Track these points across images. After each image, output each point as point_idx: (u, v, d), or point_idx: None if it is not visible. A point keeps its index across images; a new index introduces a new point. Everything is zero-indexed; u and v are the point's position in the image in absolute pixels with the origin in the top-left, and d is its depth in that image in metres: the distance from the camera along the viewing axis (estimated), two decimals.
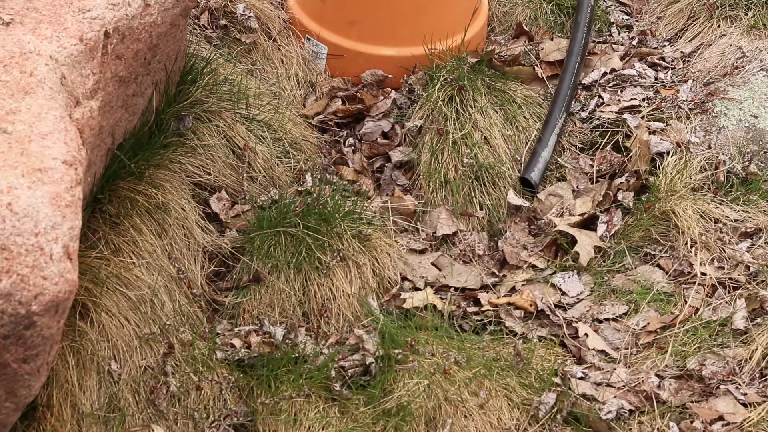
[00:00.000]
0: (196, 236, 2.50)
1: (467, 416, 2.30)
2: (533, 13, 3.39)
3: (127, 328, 2.26)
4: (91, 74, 2.08)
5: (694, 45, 3.32)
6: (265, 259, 2.48)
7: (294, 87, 3.02)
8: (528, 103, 3.03)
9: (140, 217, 2.41)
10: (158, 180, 2.48)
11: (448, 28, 3.04)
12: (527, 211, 2.84)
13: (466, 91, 2.94)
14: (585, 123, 3.06)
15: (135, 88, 2.33)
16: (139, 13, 2.22)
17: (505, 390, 2.34)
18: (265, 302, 2.46)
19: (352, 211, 2.60)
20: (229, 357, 2.32)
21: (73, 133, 1.89)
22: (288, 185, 2.73)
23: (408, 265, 2.67)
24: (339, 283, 2.49)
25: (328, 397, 2.28)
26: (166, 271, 2.39)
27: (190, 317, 2.37)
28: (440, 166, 2.85)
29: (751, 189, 2.80)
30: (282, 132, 2.81)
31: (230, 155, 2.68)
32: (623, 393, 2.36)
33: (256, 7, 3.06)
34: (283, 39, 3.08)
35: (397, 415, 2.26)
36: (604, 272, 2.68)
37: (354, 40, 3.04)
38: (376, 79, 3.05)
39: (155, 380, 2.24)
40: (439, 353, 2.40)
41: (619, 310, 2.58)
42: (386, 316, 2.49)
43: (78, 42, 2.04)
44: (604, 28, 3.46)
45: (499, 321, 2.55)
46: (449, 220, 2.79)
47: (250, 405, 2.25)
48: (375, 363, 2.34)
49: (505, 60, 3.11)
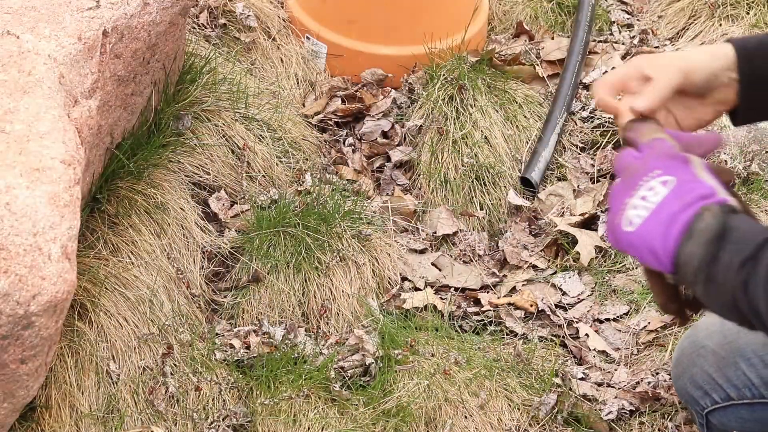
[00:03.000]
0: (195, 236, 2.49)
1: (467, 417, 2.29)
2: (534, 12, 3.39)
3: (126, 329, 2.25)
4: (90, 73, 2.07)
5: (695, 44, 3.31)
6: (265, 259, 2.47)
7: (293, 86, 3.02)
8: (528, 102, 3.02)
9: (139, 217, 2.40)
10: (157, 180, 2.48)
11: (448, 27, 3.03)
12: (528, 210, 2.84)
13: (466, 90, 2.94)
14: (586, 122, 3.06)
15: (134, 87, 2.32)
16: (137, 12, 2.22)
17: (505, 390, 2.34)
18: (264, 302, 2.45)
19: (351, 211, 2.60)
20: (229, 357, 2.31)
21: (72, 132, 1.88)
22: (287, 185, 2.72)
23: (408, 265, 2.66)
24: (339, 283, 2.49)
25: (328, 397, 2.28)
26: (165, 271, 2.39)
27: (189, 317, 2.36)
28: (440, 166, 2.84)
29: (753, 189, 2.79)
30: (281, 131, 2.80)
31: (229, 155, 2.67)
32: (624, 393, 2.35)
33: (256, 6, 3.06)
34: (283, 38, 3.07)
35: (397, 415, 2.26)
36: (605, 272, 2.68)
37: (354, 39, 3.03)
38: (375, 79, 3.05)
39: (154, 381, 2.23)
40: (439, 354, 2.39)
41: (620, 311, 2.58)
42: (386, 317, 2.49)
43: (76, 41, 2.04)
44: (605, 27, 3.45)
45: (500, 321, 2.55)
46: (449, 220, 2.78)
47: (249, 405, 2.25)
48: (375, 363, 2.33)
49: (506, 59, 3.10)
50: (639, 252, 1.22)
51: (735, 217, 1.18)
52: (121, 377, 2.21)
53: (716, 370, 1.70)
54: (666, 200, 1.20)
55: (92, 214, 2.35)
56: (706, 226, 1.17)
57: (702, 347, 1.73)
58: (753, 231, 1.17)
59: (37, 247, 1.70)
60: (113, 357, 2.22)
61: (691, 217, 1.18)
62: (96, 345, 2.20)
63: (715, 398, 1.72)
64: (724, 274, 1.16)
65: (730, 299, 1.17)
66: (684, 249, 1.18)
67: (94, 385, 2.18)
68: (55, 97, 1.91)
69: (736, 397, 1.70)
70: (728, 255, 1.16)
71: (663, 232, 1.19)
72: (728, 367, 1.69)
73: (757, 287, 1.14)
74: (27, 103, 1.86)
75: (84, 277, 2.22)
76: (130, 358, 2.24)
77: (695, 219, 1.18)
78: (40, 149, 1.79)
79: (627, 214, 1.22)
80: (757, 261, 1.14)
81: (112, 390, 2.19)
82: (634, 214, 1.21)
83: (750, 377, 1.68)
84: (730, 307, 1.18)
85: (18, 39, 1.98)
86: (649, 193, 1.21)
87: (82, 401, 2.15)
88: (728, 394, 1.70)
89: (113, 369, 2.21)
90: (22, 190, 1.72)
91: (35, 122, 1.83)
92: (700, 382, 1.72)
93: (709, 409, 1.73)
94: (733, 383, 1.69)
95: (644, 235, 1.20)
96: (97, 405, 2.17)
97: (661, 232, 1.19)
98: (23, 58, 1.94)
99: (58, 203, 1.75)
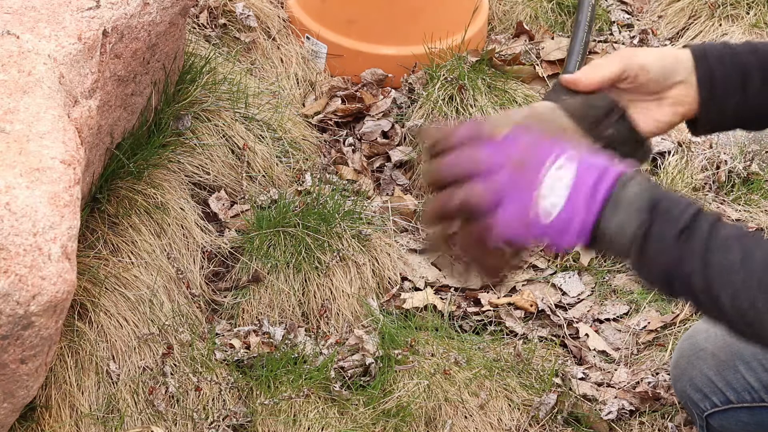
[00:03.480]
0: (195, 236, 2.49)
1: (467, 417, 2.29)
2: (534, 12, 3.39)
3: (126, 329, 2.25)
4: (90, 73, 2.07)
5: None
6: (265, 259, 2.47)
7: (293, 86, 3.02)
8: (528, 102, 3.02)
9: (139, 217, 2.40)
10: (157, 180, 2.48)
11: (448, 26, 3.03)
12: None
13: (466, 90, 2.94)
14: None
15: (134, 87, 2.32)
16: (137, 12, 2.22)
17: (505, 390, 2.34)
18: (264, 302, 2.45)
19: (351, 211, 2.60)
20: (229, 357, 2.31)
21: (72, 132, 1.88)
22: (287, 185, 2.72)
23: (408, 265, 2.66)
24: (339, 283, 2.49)
25: (328, 397, 2.28)
26: (165, 271, 2.38)
27: (189, 317, 2.36)
28: None
29: (753, 189, 2.79)
30: (281, 131, 2.80)
31: (229, 155, 2.67)
32: (624, 393, 2.35)
33: (256, 6, 3.05)
34: (283, 38, 3.07)
35: (397, 415, 2.26)
36: (605, 272, 2.68)
37: (354, 39, 3.03)
38: (375, 79, 3.05)
39: (154, 381, 2.23)
40: (439, 353, 2.39)
41: (620, 311, 2.58)
42: (386, 317, 2.49)
43: (76, 41, 2.03)
44: (605, 27, 3.45)
45: (500, 321, 2.55)
46: None
47: (249, 405, 2.25)
48: (375, 363, 2.33)
49: (506, 59, 3.10)
50: (558, 236, 1.18)
51: (656, 186, 1.16)
52: (121, 377, 2.21)
53: (716, 373, 1.70)
54: (579, 177, 1.16)
55: (92, 214, 2.35)
56: (634, 195, 1.14)
57: (701, 350, 1.72)
58: (680, 201, 1.16)
59: (37, 247, 1.70)
60: (113, 357, 2.22)
61: (611, 186, 1.15)
62: (96, 345, 2.20)
63: (714, 401, 1.72)
64: (659, 246, 1.14)
65: (663, 271, 1.15)
66: (612, 219, 1.15)
67: (94, 385, 2.18)
68: (55, 97, 1.90)
69: (735, 401, 1.69)
70: (661, 226, 1.14)
71: (585, 206, 1.15)
72: (728, 370, 1.69)
73: (694, 259, 1.13)
74: (27, 103, 1.86)
75: (84, 277, 2.22)
76: (130, 358, 2.23)
77: (618, 187, 1.15)
78: (40, 149, 1.79)
79: (542, 205, 1.17)
80: (693, 232, 1.13)
81: (112, 390, 2.19)
82: (549, 204, 1.16)
83: (749, 381, 1.67)
84: (662, 279, 1.16)
85: (18, 39, 1.97)
86: (557, 178, 1.17)
87: (82, 401, 2.15)
88: (728, 398, 1.70)
89: (113, 369, 2.21)
90: (22, 190, 1.72)
91: (35, 122, 1.83)
92: (700, 385, 1.72)
93: (708, 412, 1.73)
94: (732, 387, 1.69)
95: (567, 216, 1.16)
96: (97, 405, 2.16)
97: (584, 206, 1.15)
98: (23, 58, 1.94)
99: (58, 203, 1.75)
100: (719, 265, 1.13)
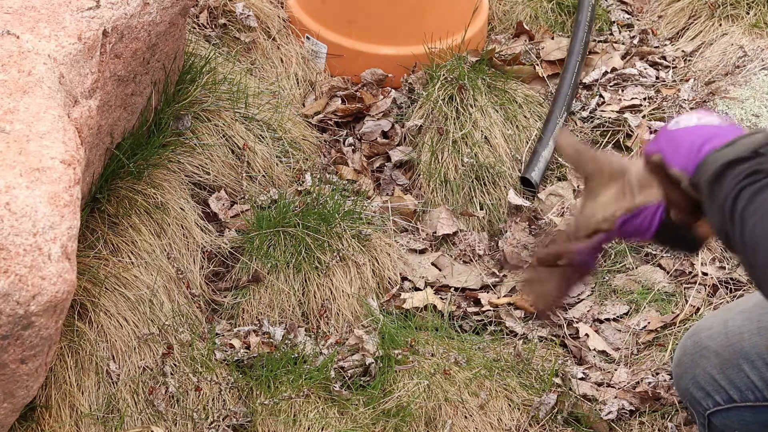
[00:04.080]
0: (195, 236, 2.49)
1: (467, 417, 2.29)
2: (534, 12, 3.38)
3: (126, 329, 2.25)
4: (90, 73, 2.07)
5: (695, 44, 3.31)
6: (265, 259, 2.47)
7: (293, 86, 3.02)
8: (528, 102, 3.02)
9: (139, 217, 2.40)
10: (157, 180, 2.48)
11: (448, 26, 3.03)
12: (528, 210, 2.84)
13: (466, 90, 2.94)
14: (586, 122, 3.06)
15: (134, 87, 2.32)
16: (137, 12, 2.22)
17: (505, 390, 2.34)
18: (264, 302, 2.45)
19: (351, 211, 2.60)
20: (229, 357, 2.31)
21: (72, 132, 1.88)
22: (287, 185, 2.72)
23: (408, 265, 2.66)
24: (339, 283, 2.49)
25: (328, 397, 2.28)
26: (165, 271, 2.38)
27: (189, 317, 2.36)
28: (440, 166, 2.84)
29: None
30: (281, 131, 2.80)
31: (229, 155, 2.67)
32: (624, 393, 2.35)
33: (256, 6, 3.05)
34: (283, 38, 3.07)
35: (397, 415, 2.26)
36: (604, 272, 2.68)
37: (354, 39, 3.03)
38: (375, 78, 3.05)
39: (154, 381, 2.23)
40: (439, 353, 2.39)
41: (620, 310, 2.58)
42: (386, 317, 2.49)
43: (76, 41, 2.03)
44: (605, 27, 3.45)
45: (500, 321, 2.55)
46: (449, 220, 2.78)
47: (249, 405, 2.25)
48: (375, 363, 2.33)
49: (506, 59, 3.10)
50: (676, 144, 1.29)
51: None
52: (121, 377, 2.21)
53: (719, 371, 1.70)
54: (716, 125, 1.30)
55: (92, 214, 2.35)
56: (754, 139, 1.24)
57: (705, 348, 1.72)
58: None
59: (37, 247, 1.70)
60: (113, 357, 2.22)
61: (739, 134, 1.26)
62: (96, 345, 2.20)
63: (717, 400, 1.71)
64: (729, 180, 1.22)
65: (719, 206, 1.23)
66: (719, 152, 1.24)
67: (94, 385, 2.18)
68: (55, 97, 1.90)
69: (738, 400, 1.69)
70: (744, 167, 1.22)
71: (709, 134, 1.27)
72: (731, 369, 1.68)
73: (744, 201, 1.20)
74: (27, 103, 1.86)
75: (84, 277, 2.22)
76: (130, 358, 2.23)
77: (746, 135, 1.26)
78: (40, 149, 1.79)
79: (678, 119, 1.31)
80: (757, 178, 1.20)
81: (112, 390, 2.19)
82: (685, 119, 1.30)
83: (753, 380, 1.67)
84: (719, 218, 1.24)
85: (18, 39, 1.97)
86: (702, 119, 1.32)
87: (82, 401, 2.15)
88: (731, 396, 1.69)
89: (113, 369, 2.21)
90: (22, 190, 1.72)
91: (35, 122, 1.83)
92: (703, 383, 1.72)
93: (711, 410, 1.73)
94: (735, 385, 1.69)
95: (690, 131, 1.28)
96: (97, 405, 2.16)
97: (707, 134, 1.27)
98: (23, 58, 1.94)
99: (58, 203, 1.75)
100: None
